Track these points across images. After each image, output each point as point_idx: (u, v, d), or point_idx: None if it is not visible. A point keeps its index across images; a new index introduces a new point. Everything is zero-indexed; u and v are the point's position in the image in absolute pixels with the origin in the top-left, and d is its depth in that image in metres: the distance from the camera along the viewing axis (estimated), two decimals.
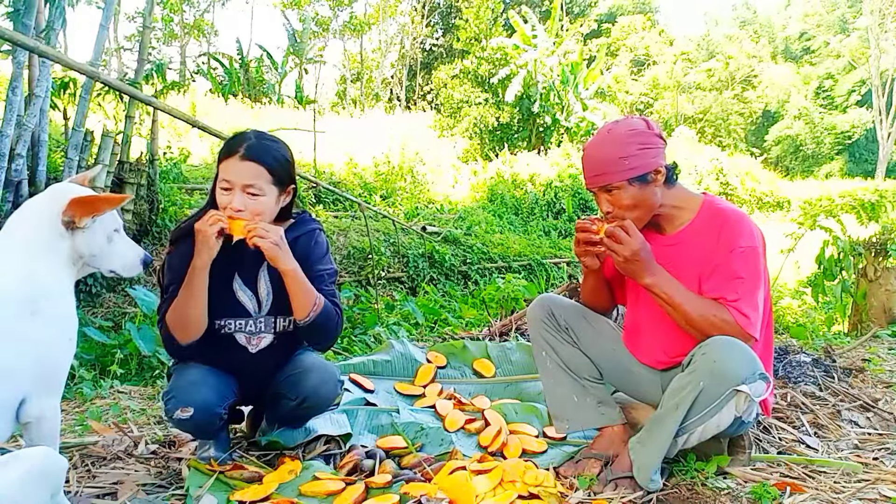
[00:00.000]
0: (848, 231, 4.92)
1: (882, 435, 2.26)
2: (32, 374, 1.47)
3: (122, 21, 27.26)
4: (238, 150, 1.77)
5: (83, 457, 1.97)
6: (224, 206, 1.77)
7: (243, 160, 1.76)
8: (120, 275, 1.72)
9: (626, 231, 1.74)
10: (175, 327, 1.81)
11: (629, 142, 1.78)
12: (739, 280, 1.73)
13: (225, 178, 1.77)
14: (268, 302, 1.92)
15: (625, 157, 1.77)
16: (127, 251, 1.72)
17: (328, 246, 1.99)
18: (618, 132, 1.81)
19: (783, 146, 31.11)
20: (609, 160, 1.79)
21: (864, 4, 29.73)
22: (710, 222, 1.83)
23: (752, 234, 1.78)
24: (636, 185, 1.79)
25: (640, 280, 1.76)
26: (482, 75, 18.61)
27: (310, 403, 1.95)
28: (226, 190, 1.78)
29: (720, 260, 1.77)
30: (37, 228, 1.56)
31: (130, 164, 5.92)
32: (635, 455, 1.79)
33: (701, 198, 1.90)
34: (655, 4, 38.05)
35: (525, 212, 13.06)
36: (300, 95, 20.98)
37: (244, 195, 1.77)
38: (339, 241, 7.81)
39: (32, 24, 4.63)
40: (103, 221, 1.65)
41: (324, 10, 28.69)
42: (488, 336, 3.41)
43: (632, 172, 1.78)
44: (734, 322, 1.70)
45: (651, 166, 1.79)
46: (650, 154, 1.79)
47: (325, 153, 12.70)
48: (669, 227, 1.90)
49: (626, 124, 1.83)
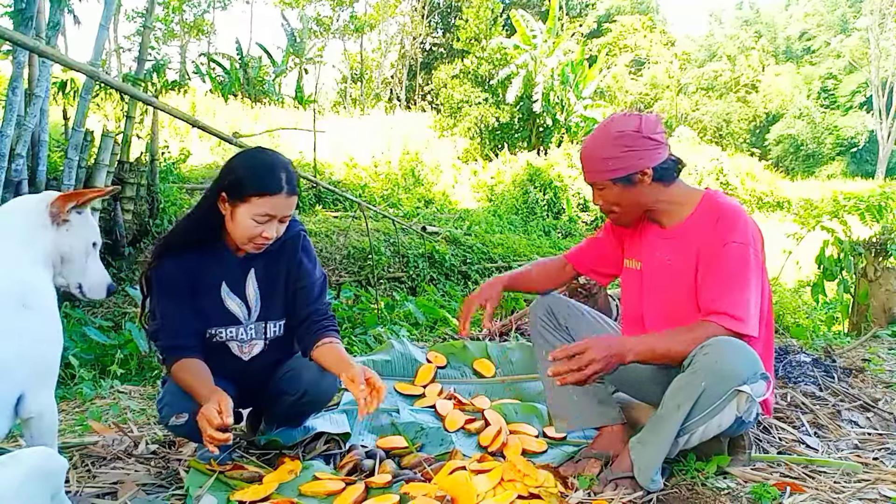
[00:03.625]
0: (852, 232, 4.90)
1: (882, 435, 2.26)
2: (29, 369, 1.48)
3: (122, 21, 27.28)
4: (284, 187, 1.75)
5: (83, 457, 1.97)
6: (255, 236, 1.77)
7: (290, 196, 1.77)
8: (84, 294, 1.74)
9: (574, 353, 1.67)
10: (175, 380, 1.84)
11: (615, 144, 1.81)
12: (729, 278, 1.73)
13: (270, 214, 1.75)
14: (257, 308, 1.93)
15: (608, 158, 1.81)
16: (99, 272, 1.77)
17: (314, 249, 2.01)
18: (607, 132, 1.83)
19: (784, 146, 31.09)
20: (595, 159, 1.84)
21: (864, 4, 29.74)
22: (706, 215, 1.84)
23: (746, 229, 1.78)
24: (619, 186, 1.83)
25: (625, 361, 1.71)
26: (482, 75, 18.63)
27: (310, 397, 1.95)
28: (263, 221, 1.76)
29: (713, 254, 1.78)
30: (22, 222, 1.60)
31: (130, 164, 5.92)
32: (636, 455, 1.78)
33: (702, 192, 1.91)
34: (655, 4, 38.04)
35: (525, 212, 13.07)
36: (300, 95, 20.99)
37: (279, 223, 1.79)
38: (339, 241, 7.81)
39: (33, 24, 4.63)
40: (85, 227, 1.69)
41: (325, 11, 28.72)
42: (488, 336, 3.41)
43: (614, 174, 1.81)
44: (725, 329, 1.69)
45: (635, 168, 1.80)
46: (635, 156, 1.80)
47: (325, 153, 12.72)
48: (668, 221, 1.91)
49: (617, 124, 1.83)
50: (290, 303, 1.95)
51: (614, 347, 1.69)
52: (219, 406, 1.64)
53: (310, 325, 1.91)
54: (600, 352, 1.66)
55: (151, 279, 1.88)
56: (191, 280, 1.86)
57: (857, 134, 29.40)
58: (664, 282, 1.91)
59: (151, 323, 1.89)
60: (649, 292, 1.95)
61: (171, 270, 1.84)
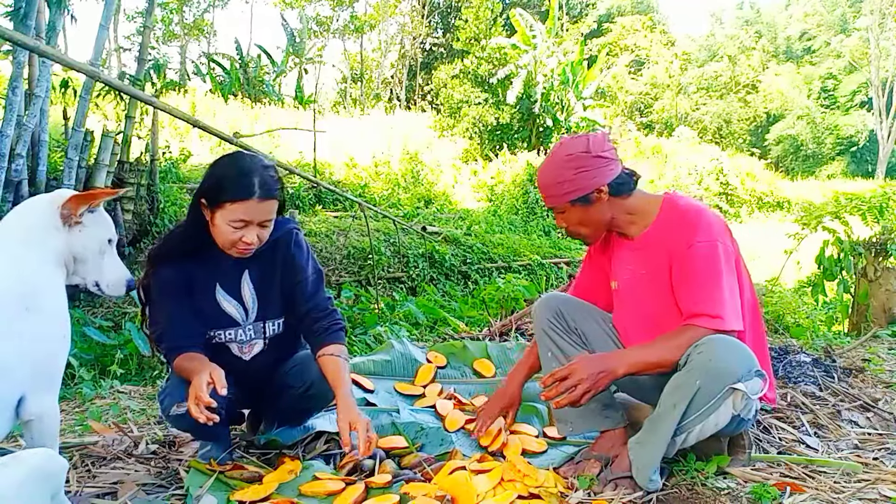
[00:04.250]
0: (853, 232, 4.90)
1: (882, 435, 2.26)
2: (30, 371, 1.47)
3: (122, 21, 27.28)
4: (254, 192, 1.72)
5: (83, 457, 1.97)
6: (236, 241, 1.76)
7: (262, 201, 1.74)
8: (103, 291, 1.72)
9: (562, 377, 1.69)
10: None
11: (566, 167, 1.84)
12: (700, 279, 1.74)
13: (244, 220, 1.74)
14: (254, 308, 1.93)
15: (562, 182, 1.85)
16: (116, 268, 1.73)
17: (308, 245, 2.00)
18: (557, 157, 1.88)
19: (784, 146, 31.07)
20: (550, 185, 1.89)
21: (864, 4, 29.74)
22: (668, 221, 1.87)
23: (709, 227, 1.79)
24: (579, 206, 1.86)
25: (616, 377, 1.73)
26: (482, 75, 18.62)
27: (315, 390, 1.95)
28: (239, 227, 1.75)
29: (681, 258, 1.79)
30: (34, 223, 1.58)
31: (130, 164, 5.93)
32: (634, 455, 1.79)
33: (661, 197, 1.92)
34: (655, 4, 38.02)
35: (525, 212, 13.07)
36: (300, 95, 20.99)
37: (258, 228, 1.77)
38: (339, 241, 7.81)
39: (33, 24, 4.63)
40: (99, 225, 1.67)
41: (324, 11, 28.72)
42: (488, 336, 3.41)
43: (571, 195, 1.85)
44: (707, 329, 1.70)
45: (590, 187, 1.83)
46: (587, 176, 1.83)
47: (325, 153, 12.72)
48: (634, 231, 1.93)
49: (566, 148, 1.87)
50: (288, 300, 1.94)
51: (603, 364, 1.71)
52: (210, 377, 1.66)
53: (311, 322, 1.91)
54: (588, 371, 1.68)
55: (150, 286, 1.88)
56: (187, 283, 1.86)
57: (856, 132, 29.38)
58: (640, 293, 1.93)
59: (154, 327, 1.89)
60: (629, 306, 1.97)
61: (168, 275, 1.84)
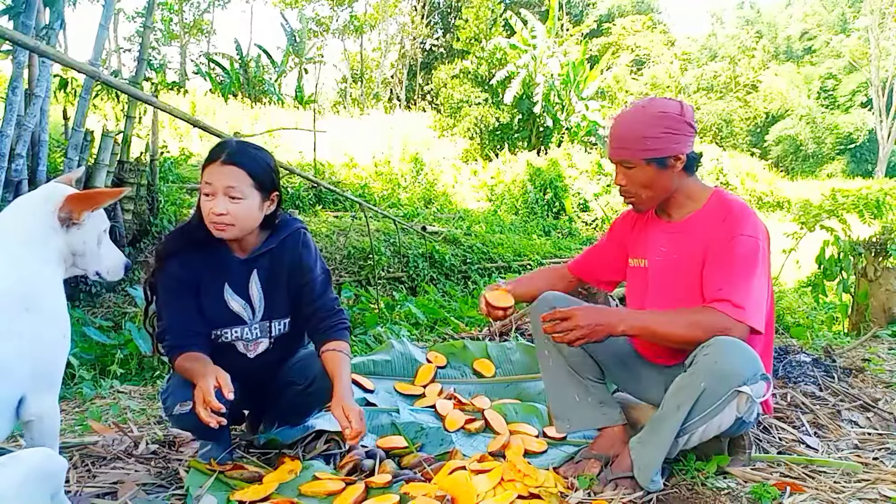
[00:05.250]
0: (852, 231, 4.90)
1: (882, 435, 2.26)
2: (30, 372, 1.47)
3: (122, 21, 27.28)
4: (219, 156, 1.78)
5: (83, 457, 1.97)
6: (207, 212, 1.79)
7: (224, 164, 1.78)
8: (103, 278, 1.74)
9: (560, 318, 1.72)
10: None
11: (656, 123, 1.79)
12: (735, 267, 1.73)
13: (207, 182, 1.79)
14: (261, 307, 1.94)
15: (647, 137, 1.78)
16: (113, 255, 1.76)
17: (315, 245, 2.01)
18: (649, 111, 1.82)
19: (783, 146, 31.07)
20: (632, 137, 1.81)
21: (864, 4, 29.72)
22: (715, 211, 1.85)
23: (755, 225, 1.79)
24: (653, 167, 1.81)
25: (615, 332, 1.73)
26: (482, 75, 18.61)
27: (317, 386, 1.95)
28: (208, 195, 1.79)
29: (721, 246, 1.77)
30: (30, 225, 1.57)
31: (130, 164, 5.93)
32: (636, 455, 1.79)
33: (711, 189, 1.92)
34: (656, 4, 38.01)
35: (525, 212, 13.06)
36: (300, 95, 20.99)
37: (226, 199, 1.77)
38: (339, 242, 7.81)
39: (33, 24, 4.63)
40: (95, 219, 1.68)
41: (324, 10, 28.70)
42: (488, 336, 3.41)
43: (651, 153, 1.79)
44: (728, 316, 1.68)
45: (671, 151, 1.79)
46: (674, 139, 1.79)
47: (325, 153, 12.71)
48: (677, 214, 1.92)
49: (659, 105, 1.82)
50: (295, 300, 1.95)
51: (603, 317, 1.72)
52: (216, 381, 1.66)
53: (317, 322, 1.92)
54: (586, 321, 1.70)
55: (156, 283, 1.88)
56: (195, 281, 1.87)
57: (856, 130, 29.37)
58: (669, 277, 1.91)
59: (158, 324, 1.89)
60: (655, 288, 1.95)
61: (175, 272, 1.85)
